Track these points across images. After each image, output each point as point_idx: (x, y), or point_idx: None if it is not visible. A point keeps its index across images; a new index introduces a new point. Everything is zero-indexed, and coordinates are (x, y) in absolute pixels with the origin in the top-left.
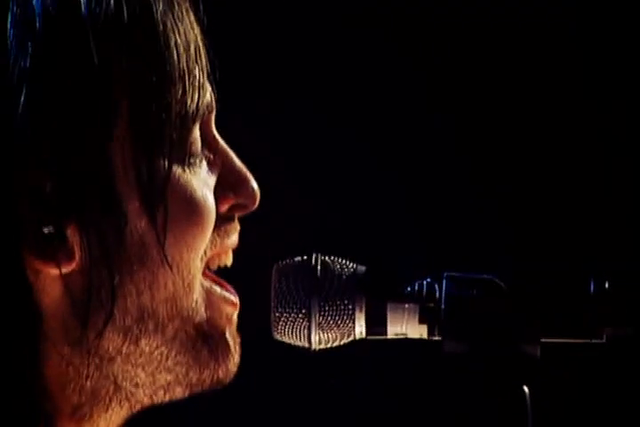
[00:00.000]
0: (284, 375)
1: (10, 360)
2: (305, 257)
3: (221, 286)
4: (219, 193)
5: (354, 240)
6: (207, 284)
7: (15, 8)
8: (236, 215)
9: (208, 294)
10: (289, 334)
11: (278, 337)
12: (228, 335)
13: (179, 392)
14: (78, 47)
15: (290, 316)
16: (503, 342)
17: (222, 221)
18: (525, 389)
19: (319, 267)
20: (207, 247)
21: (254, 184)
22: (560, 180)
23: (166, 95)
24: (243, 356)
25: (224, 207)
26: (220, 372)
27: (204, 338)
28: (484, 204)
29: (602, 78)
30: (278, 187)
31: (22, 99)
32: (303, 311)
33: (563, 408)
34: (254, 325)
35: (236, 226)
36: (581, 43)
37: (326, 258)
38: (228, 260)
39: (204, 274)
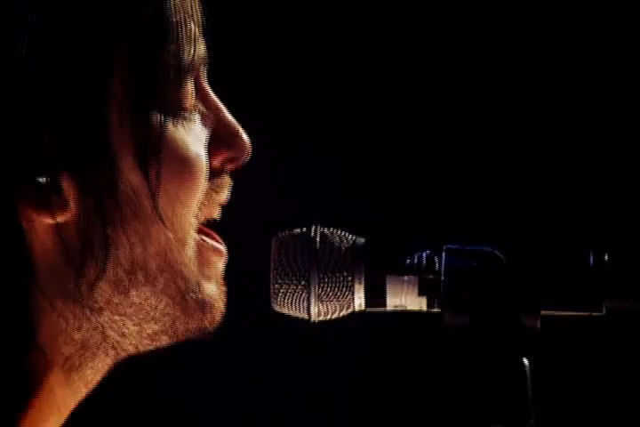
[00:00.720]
0: (282, 348)
1: (1, 311)
2: (304, 229)
3: (209, 235)
4: (211, 147)
5: (353, 212)
6: (197, 237)
7: None
8: (228, 169)
9: (199, 246)
10: (288, 306)
11: (278, 309)
12: (215, 286)
13: (164, 341)
14: (74, 2)
15: (289, 287)
16: (503, 314)
17: (214, 175)
18: (525, 361)
19: (318, 239)
20: (200, 203)
21: (245, 137)
22: (560, 154)
23: (162, 48)
24: (241, 328)
25: (216, 161)
26: (205, 321)
27: (193, 290)
28: (485, 176)
29: (600, 63)
30: (278, 160)
31: (22, 53)
32: (302, 283)
33: (563, 381)
34: (254, 296)
35: (228, 181)
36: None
37: (325, 230)
38: (217, 214)
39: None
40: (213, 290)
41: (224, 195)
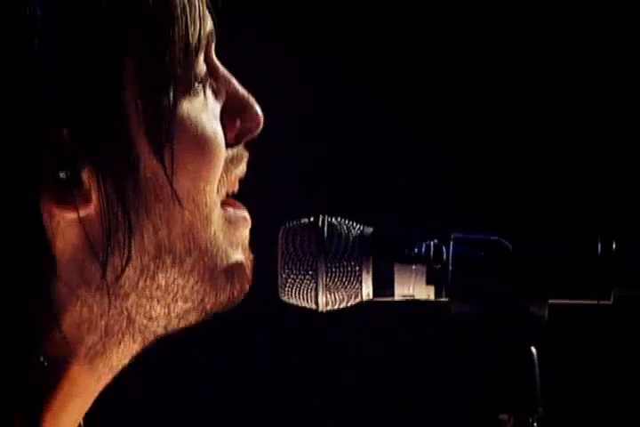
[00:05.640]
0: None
1: (24, 305)
2: (312, 219)
3: (231, 205)
4: (224, 120)
5: (361, 202)
6: (222, 211)
7: None
8: (243, 141)
9: (225, 220)
10: (296, 296)
11: (285, 299)
12: (241, 253)
13: (193, 318)
14: None
15: (297, 277)
16: (510, 302)
17: (230, 148)
18: (533, 350)
19: (326, 228)
20: (221, 178)
21: (257, 108)
22: (567, 145)
23: (169, 30)
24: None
25: (231, 135)
26: (235, 292)
27: (222, 265)
28: (492, 165)
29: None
30: (285, 152)
31: (36, 43)
32: (310, 273)
33: (570, 369)
34: (262, 286)
35: (245, 153)
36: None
37: (333, 219)
38: (235, 188)
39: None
40: (240, 258)
41: (242, 167)
